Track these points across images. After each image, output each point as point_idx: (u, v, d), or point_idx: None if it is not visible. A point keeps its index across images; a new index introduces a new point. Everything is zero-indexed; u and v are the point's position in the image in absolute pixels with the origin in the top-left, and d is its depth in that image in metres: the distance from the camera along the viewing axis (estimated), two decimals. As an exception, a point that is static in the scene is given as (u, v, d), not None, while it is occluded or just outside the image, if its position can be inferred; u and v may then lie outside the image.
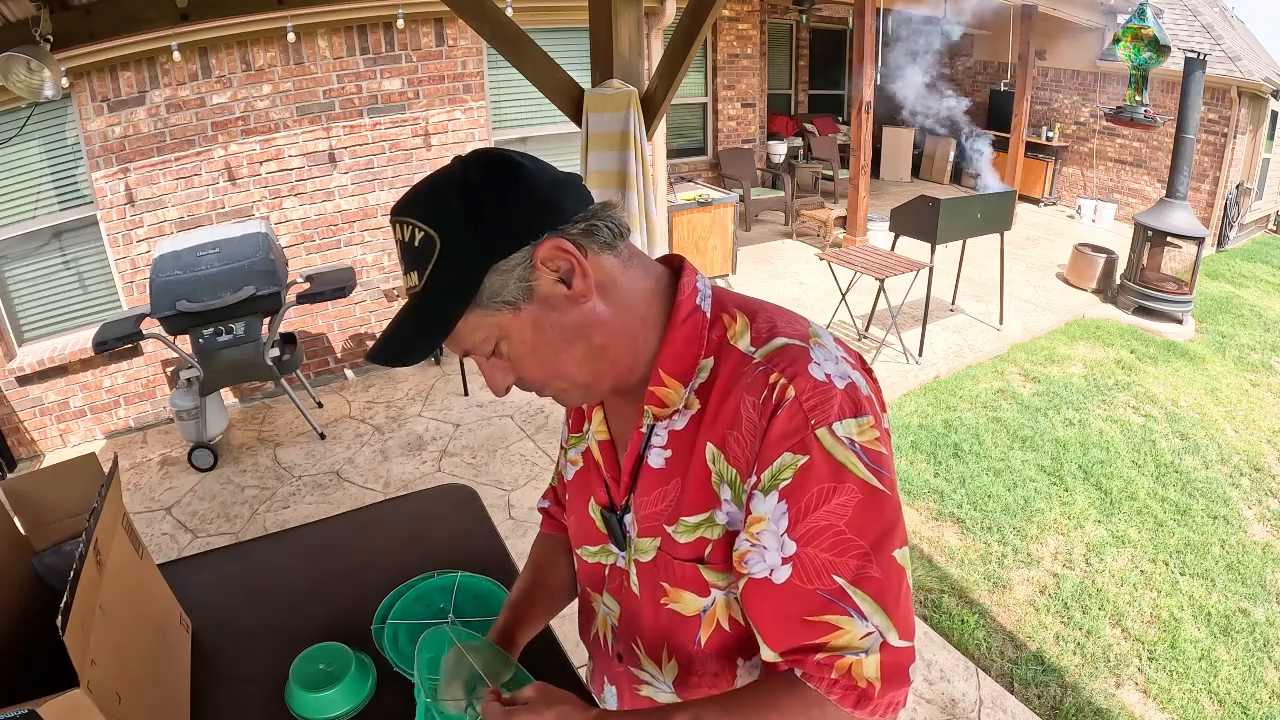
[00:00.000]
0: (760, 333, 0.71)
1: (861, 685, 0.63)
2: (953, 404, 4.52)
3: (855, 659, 0.63)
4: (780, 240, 7.62)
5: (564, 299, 0.67)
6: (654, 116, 2.64)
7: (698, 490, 0.72)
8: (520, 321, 0.67)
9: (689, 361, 0.72)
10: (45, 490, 1.05)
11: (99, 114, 3.84)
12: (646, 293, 0.73)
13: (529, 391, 0.75)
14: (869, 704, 0.63)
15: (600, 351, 0.70)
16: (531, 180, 0.67)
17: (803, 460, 0.64)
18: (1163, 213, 5.98)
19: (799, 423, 0.64)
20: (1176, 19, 8.27)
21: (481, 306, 0.66)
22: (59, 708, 0.68)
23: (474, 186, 0.65)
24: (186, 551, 3.12)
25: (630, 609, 0.82)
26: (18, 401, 4.00)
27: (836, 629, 0.63)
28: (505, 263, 0.65)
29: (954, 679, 2.54)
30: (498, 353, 0.70)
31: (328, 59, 4.30)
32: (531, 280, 0.66)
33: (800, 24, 8.74)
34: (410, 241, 0.67)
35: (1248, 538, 3.45)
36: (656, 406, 0.73)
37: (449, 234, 0.65)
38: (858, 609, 0.63)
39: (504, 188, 0.66)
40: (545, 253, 0.65)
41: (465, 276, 0.65)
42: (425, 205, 0.66)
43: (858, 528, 0.64)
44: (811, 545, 0.64)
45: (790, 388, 0.65)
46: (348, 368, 4.85)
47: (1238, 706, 2.53)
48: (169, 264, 3.42)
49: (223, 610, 1.22)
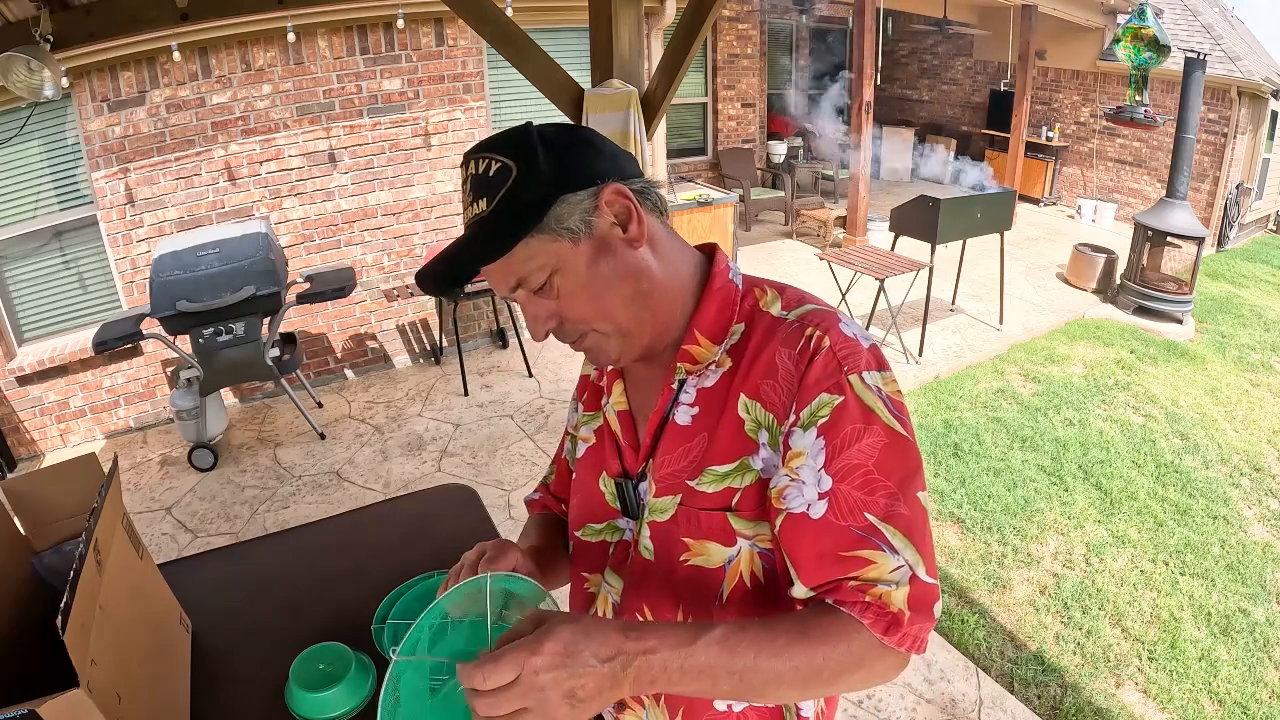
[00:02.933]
0: (791, 301, 0.78)
1: (893, 611, 0.65)
2: (953, 404, 4.52)
3: (887, 589, 0.65)
4: (780, 240, 7.62)
5: (619, 241, 0.73)
6: (654, 116, 2.64)
7: (729, 441, 0.75)
8: (578, 253, 0.71)
9: (722, 324, 0.78)
10: (45, 490, 1.05)
11: (99, 114, 3.84)
12: (685, 261, 0.80)
13: (566, 341, 0.77)
14: (899, 631, 0.65)
15: (645, 298, 0.75)
16: (598, 140, 0.76)
17: (838, 400, 0.69)
18: (1163, 213, 5.98)
19: (834, 368, 0.70)
20: (1176, 19, 8.27)
21: (545, 231, 0.70)
22: (59, 708, 0.68)
23: (549, 135, 0.72)
24: (186, 551, 3.12)
25: (638, 578, 0.82)
26: (18, 401, 4.00)
27: (870, 563, 0.66)
28: (573, 196, 0.71)
29: (954, 679, 2.54)
30: (549, 286, 0.72)
31: (328, 59, 4.30)
32: (593, 217, 0.72)
33: (800, 24, 8.74)
34: (484, 174, 0.71)
35: (1248, 538, 3.45)
36: (689, 363, 0.78)
37: (525, 164, 0.69)
38: (889, 544, 0.66)
39: (575, 140, 0.74)
40: (609, 195, 0.72)
41: (536, 199, 0.69)
42: (503, 142, 0.71)
43: (885, 469, 0.68)
44: (845, 482, 0.67)
45: (825, 338, 0.71)
46: (348, 368, 4.85)
47: (1238, 706, 2.53)
48: (169, 264, 3.42)
49: (223, 610, 1.22)
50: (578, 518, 0.92)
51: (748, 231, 7.74)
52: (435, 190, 4.81)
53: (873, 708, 2.40)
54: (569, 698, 0.57)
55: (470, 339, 5.16)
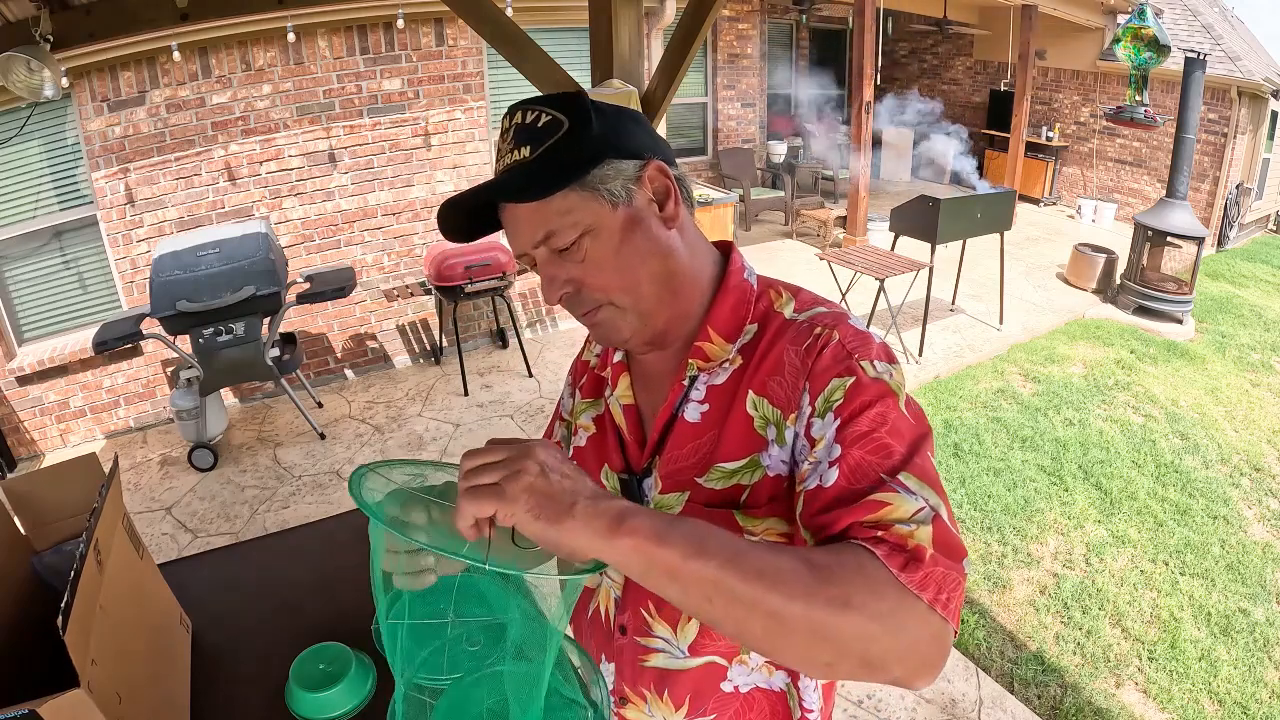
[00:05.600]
0: (805, 303, 0.78)
1: (910, 546, 0.57)
2: (953, 404, 4.52)
3: (906, 529, 0.58)
4: (780, 240, 7.62)
5: (654, 217, 0.74)
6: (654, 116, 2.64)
7: (738, 438, 0.74)
8: (615, 218, 0.71)
9: (736, 323, 0.78)
10: (45, 490, 1.05)
11: (99, 114, 3.84)
12: (706, 254, 0.81)
13: (577, 312, 0.76)
14: (919, 568, 0.56)
15: (670, 278, 0.75)
16: (645, 120, 0.77)
17: (850, 380, 0.68)
18: (1163, 213, 5.98)
19: (843, 355, 0.70)
20: (1176, 19, 8.27)
21: (586, 188, 0.69)
22: (59, 708, 0.68)
23: (601, 104, 0.72)
24: (186, 551, 3.12)
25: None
26: (18, 401, 4.00)
27: (885, 504, 0.60)
28: (619, 162, 0.71)
29: (954, 679, 2.54)
30: (576, 247, 0.71)
31: (328, 59, 4.30)
32: (635, 187, 0.72)
33: (800, 24, 8.73)
34: (530, 124, 0.69)
35: (1248, 538, 3.45)
36: (701, 360, 0.77)
37: (578, 121, 0.69)
38: (905, 487, 0.61)
39: (625, 113, 0.74)
40: (652, 171, 0.73)
41: (582, 155, 0.69)
42: (558, 100, 0.70)
43: (896, 434, 0.65)
44: (855, 447, 0.64)
45: (834, 332, 0.72)
46: (348, 368, 4.85)
47: (1238, 706, 2.53)
48: (169, 264, 3.42)
49: (223, 610, 1.22)
50: None
51: (748, 231, 7.74)
52: (435, 190, 4.81)
53: (873, 708, 2.40)
54: (546, 472, 0.56)
55: (470, 339, 5.16)
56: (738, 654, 0.79)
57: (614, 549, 0.54)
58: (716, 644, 0.79)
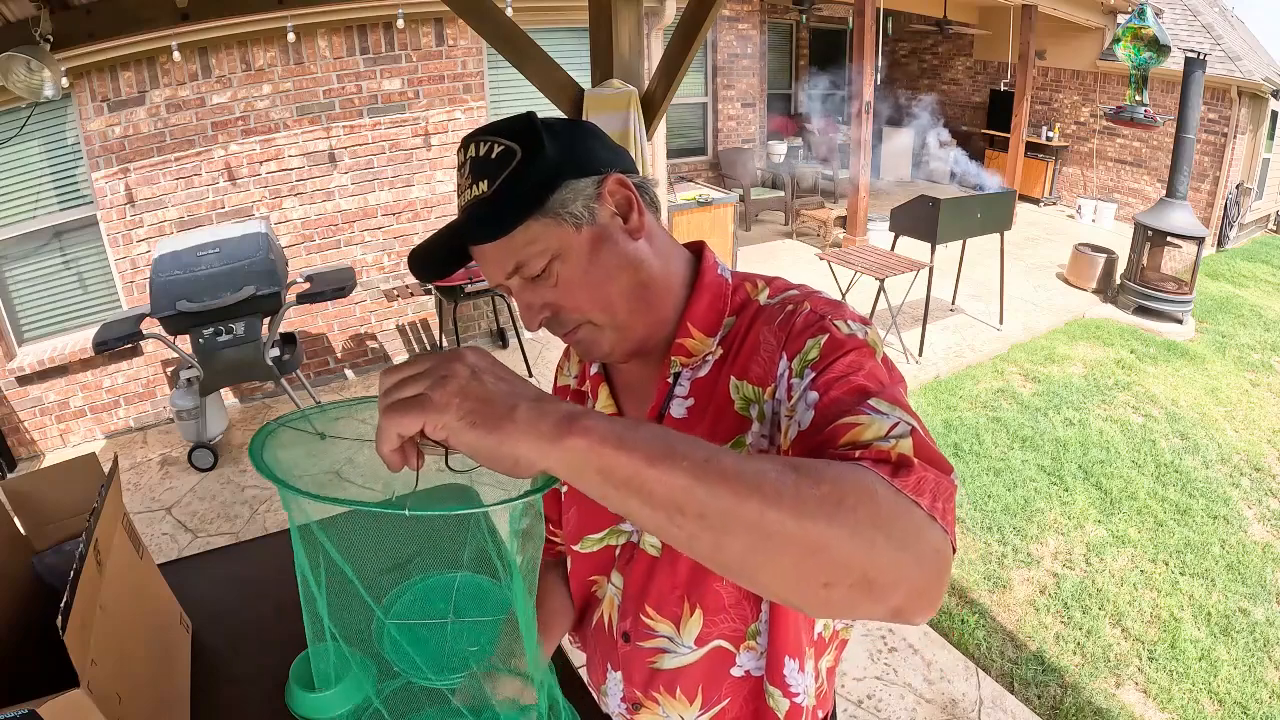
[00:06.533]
0: (778, 289, 0.79)
1: (894, 456, 0.53)
2: (953, 404, 4.52)
3: (887, 445, 0.54)
4: (780, 240, 7.62)
5: (620, 231, 0.73)
6: (654, 116, 2.64)
7: (724, 424, 0.75)
8: (580, 240, 0.71)
9: (714, 317, 0.78)
10: (45, 490, 1.05)
11: (99, 114, 3.84)
12: (677, 257, 0.81)
13: (558, 333, 0.76)
14: (910, 472, 0.51)
15: (643, 289, 0.75)
16: (600, 132, 0.77)
17: (824, 337, 0.68)
18: (1163, 213, 5.98)
19: (815, 318, 0.70)
20: (1176, 19, 8.27)
21: (548, 215, 0.69)
22: (59, 708, 0.68)
23: (552, 123, 0.72)
24: (186, 551, 3.12)
25: (643, 575, 0.82)
26: (18, 401, 4.00)
27: (858, 425, 0.57)
28: (576, 182, 0.70)
29: (954, 679, 2.54)
30: (547, 273, 0.71)
31: (328, 59, 4.30)
32: (595, 204, 0.71)
33: (800, 24, 8.74)
34: (484, 156, 0.69)
35: (1248, 538, 3.45)
36: (684, 356, 0.78)
37: (530, 147, 0.68)
38: (876, 410, 0.58)
39: (578, 129, 0.75)
40: (611, 185, 0.72)
41: (539, 182, 0.68)
42: (507, 127, 0.70)
43: (871, 378, 0.63)
44: (831, 390, 0.62)
45: (806, 303, 0.73)
46: (348, 368, 4.85)
47: (1238, 706, 2.53)
48: (169, 264, 3.42)
49: (223, 610, 1.22)
50: (576, 530, 0.90)
51: (748, 231, 7.74)
52: (435, 190, 4.81)
53: (873, 708, 2.40)
54: (478, 374, 0.50)
55: (470, 339, 5.16)
56: (744, 639, 0.80)
57: (564, 452, 0.47)
58: (721, 628, 0.79)
